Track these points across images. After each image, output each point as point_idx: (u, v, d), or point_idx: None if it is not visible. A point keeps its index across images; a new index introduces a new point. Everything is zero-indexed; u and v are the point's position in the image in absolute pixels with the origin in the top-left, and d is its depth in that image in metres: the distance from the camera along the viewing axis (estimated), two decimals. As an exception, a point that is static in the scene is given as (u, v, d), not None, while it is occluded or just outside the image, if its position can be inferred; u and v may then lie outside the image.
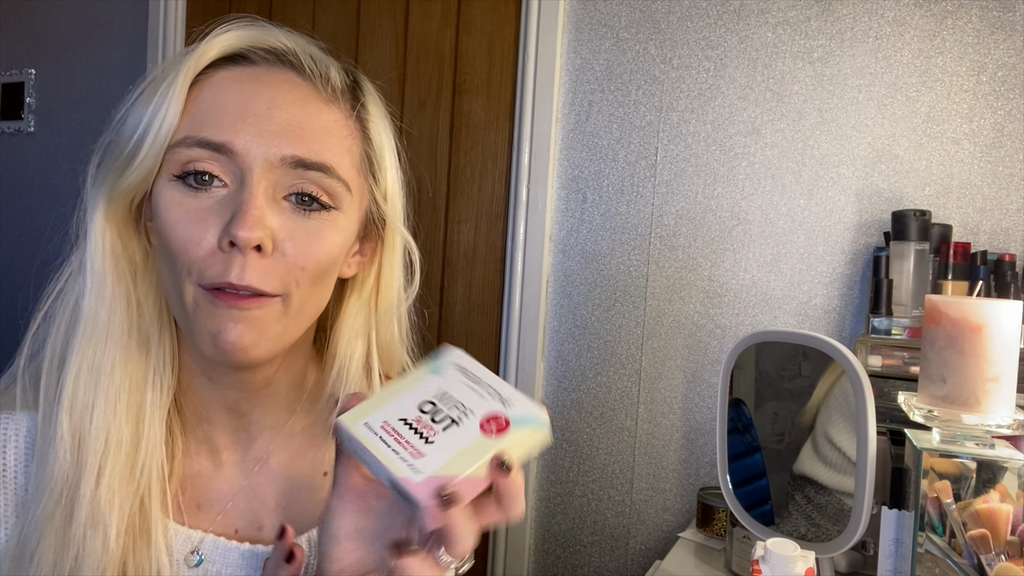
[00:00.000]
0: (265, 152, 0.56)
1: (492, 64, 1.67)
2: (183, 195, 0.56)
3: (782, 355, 0.96)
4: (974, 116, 1.29)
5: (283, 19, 1.85)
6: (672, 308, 1.50)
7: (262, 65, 0.60)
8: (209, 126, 0.56)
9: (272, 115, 0.57)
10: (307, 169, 0.57)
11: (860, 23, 1.35)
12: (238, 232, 0.54)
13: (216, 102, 0.57)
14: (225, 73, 0.59)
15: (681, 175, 1.49)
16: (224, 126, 0.56)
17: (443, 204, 1.72)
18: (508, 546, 1.63)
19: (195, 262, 0.56)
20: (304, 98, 0.60)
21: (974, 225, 1.28)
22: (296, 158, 0.57)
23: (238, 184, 0.56)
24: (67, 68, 2.18)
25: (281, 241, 0.57)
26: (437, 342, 1.72)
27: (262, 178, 0.56)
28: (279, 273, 0.57)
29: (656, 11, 1.51)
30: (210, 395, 0.65)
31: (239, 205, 0.55)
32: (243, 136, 0.56)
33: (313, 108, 0.60)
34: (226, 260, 0.55)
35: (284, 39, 0.61)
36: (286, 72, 0.60)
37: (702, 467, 1.47)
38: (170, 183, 0.57)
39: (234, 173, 0.57)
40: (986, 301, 0.76)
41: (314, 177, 0.58)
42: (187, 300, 0.57)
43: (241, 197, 0.55)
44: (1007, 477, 0.74)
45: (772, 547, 0.76)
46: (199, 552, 0.64)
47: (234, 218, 0.54)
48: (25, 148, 2.25)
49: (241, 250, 0.55)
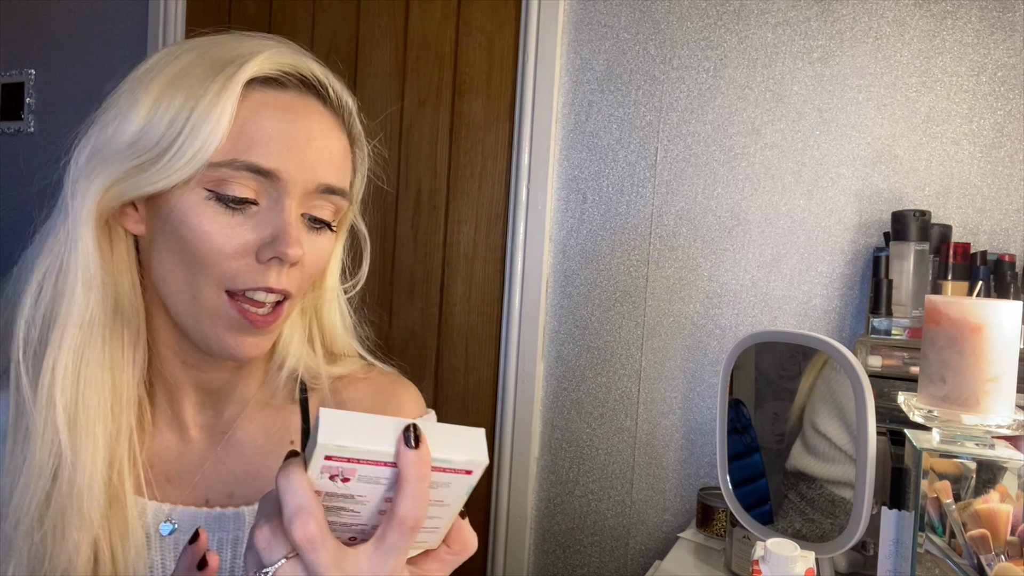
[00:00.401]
0: (305, 180, 0.62)
1: (492, 64, 1.67)
2: (217, 211, 0.60)
3: (782, 355, 0.96)
4: (974, 116, 1.29)
5: (283, 19, 1.86)
6: (672, 308, 1.50)
7: (292, 91, 0.64)
8: (256, 152, 0.60)
9: (311, 145, 0.63)
10: (333, 194, 0.65)
11: (860, 23, 1.35)
12: (287, 251, 0.60)
13: (261, 128, 0.61)
14: (262, 96, 0.62)
15: (681, 175, 1.49)
16: (272, 153, 0.60)
17: (443, 204, 1.72)
18: (508, 546, 1.63)
19: (227, 272, 0.61)
20: (330, 129, 0.65)
21: (974, 225, 1.28)
22: (328, 185, 0.64)
23: (272, 203, 0.62)
24: (67, 68, 2.18)
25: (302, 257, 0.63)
26: (437, 342, 1.72)
27: (296, 200, 0.62)
28: (299, 279, 0.65)
29: (656, 11, 1.51)
30: (181, 375, 0.69)
31: (282, 226, 0.61)
32: (290, 166, 0.61)
33: (335, 137, 0.66)
34: (263, 270, 0.61)
35: (313, 67, 0.66)
36: (313, 102, 0.65)
37: (702, 467, 1.47)
38: (205, 200, 0.60)
39: (271, 195, 0.62)
40: (986, 301, 0.76)
41: (334, 200, 0.66)
42: (205, 302, 0.62)
43: (282, 218, 0.61)
44: (1007, 477, 0.74)
45: (772, 547, 0.76)
46: (171, 520, 0.68)
47: (278, 238, 0.60)
48: (25, 148, 2.25)
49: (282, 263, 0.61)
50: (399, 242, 1.76)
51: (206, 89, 0.59)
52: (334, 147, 0.65)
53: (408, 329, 1.74)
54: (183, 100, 0.59)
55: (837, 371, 0.89)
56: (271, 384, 0.74)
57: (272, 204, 0.62)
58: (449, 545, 0.50)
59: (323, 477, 0.45)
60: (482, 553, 1.66)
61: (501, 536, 1.63)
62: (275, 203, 0.61)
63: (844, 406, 0.88)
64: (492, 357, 1.67)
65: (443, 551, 0.50)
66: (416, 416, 0.78)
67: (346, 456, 0.44)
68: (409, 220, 1.75)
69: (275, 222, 0.61)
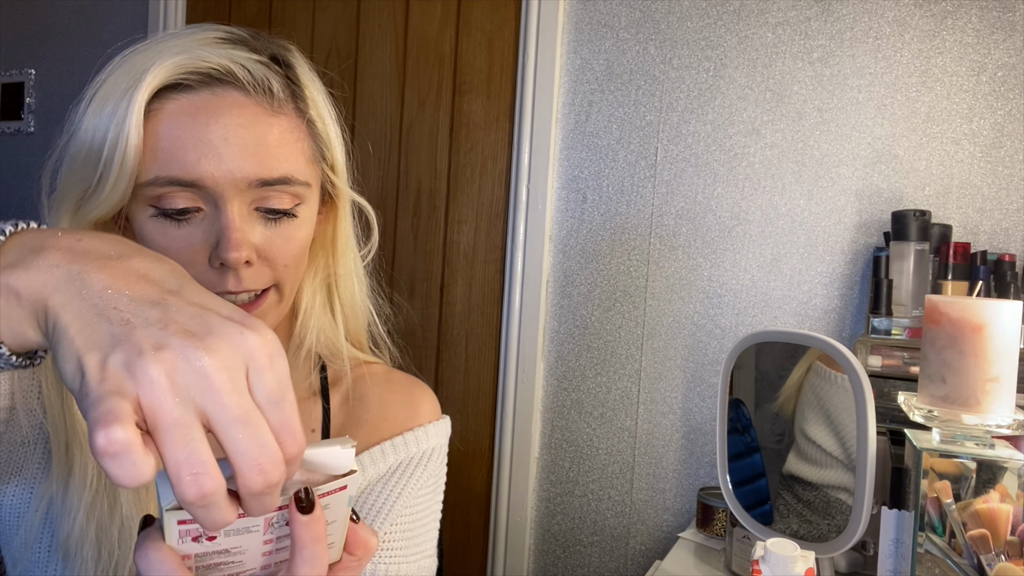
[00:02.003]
0: (231, 179, 0.61)
1: (492, 64, 1.67)
2: (166, 226, 0.61)
3: (782, 355, 0.96)
4: (974, 116, 1.29)
5: (283, 19, 1.86)
6: (672, 308, 1.50)
7: (204, 91, 0.61)
8: (175, 165, 0.60)
9: (229, 144, 0.61)
10: (270, 186, 0.62)
11: (860, 23, 1.35)
12: (228, 255, 0.60)
13: (175, 139, 0.60)
14: (172, 105, 0.60)
15: (681, 175, 1.49)
16: (190, 163, 0.60)
17: (443, 204, 1.72)
18: (508, 546, 1.63)
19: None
20: (252, 119, 0.62)
21: (974, 225, 1.28)
22: (259, 179, 0.62)
23: (213, 207, 0.61)
24: (67, 68, 2.18)
25: (263, 251, 0.63)
26: (437, 342, 1.72)
27: (233, 199, 0.61)
28: (267, 273, 0.64)
29: (656, 11, 1.51)
30: None
31: (221, 230, 0.61)
32: (208, 169, 0.60)
33: (263, 126, 0.63)
34: (220, 275, 0.61)
35: (215, 57, 0.62)
36: (230, 93, 0.62)
37: (702, 467, 1.47)
38: (152, 218, 0.61)
39: (207, 199, 0.61)
40: (986, 301, 0.76)
41: (279, 189, 0.63)
42: None
43: (221, 222, 0.61)
44: (1007, 477, 0.74)
45: (772, 547, 0.76)
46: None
47: (220, 243, 0.60)
48: (25, 148, 2.25)
49: (233, 268, 0.61)
50: (399, 242, 1.76)
51: (116, 109, 0.59)
52: (263, 136, 0.62)
53: (408, 329, 1.74)
54: (104, 123, 0.60)
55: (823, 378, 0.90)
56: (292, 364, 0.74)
57: (212, 209, 0.61)
58: (351, 552, 0.48)
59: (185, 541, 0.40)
60: (482, 553, 1.66)
61: (501, 536, 1.63)
62: (214, 208, 0.61)
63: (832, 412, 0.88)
64: (492, 357, 1.67)
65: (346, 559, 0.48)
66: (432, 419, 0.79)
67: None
68: (409, 220, 1.75)
69: (217, 226, 0.61)
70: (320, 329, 0.75)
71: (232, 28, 0.66)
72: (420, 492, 0.76)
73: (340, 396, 0.77)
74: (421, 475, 0.76)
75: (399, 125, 1.76)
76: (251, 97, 0.62)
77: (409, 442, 0.76)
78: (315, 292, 0.76)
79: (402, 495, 0.74)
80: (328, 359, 0.77)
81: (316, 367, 0.78)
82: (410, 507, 0.75)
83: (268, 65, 0.64)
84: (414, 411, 0.78)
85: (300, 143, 0.66)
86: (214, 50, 0.62)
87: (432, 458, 0.77)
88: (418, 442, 0.76)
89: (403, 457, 0.75)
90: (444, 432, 0.80)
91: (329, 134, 0.69)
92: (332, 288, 0.77)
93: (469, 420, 1.68)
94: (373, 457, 0.74)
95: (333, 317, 0.77)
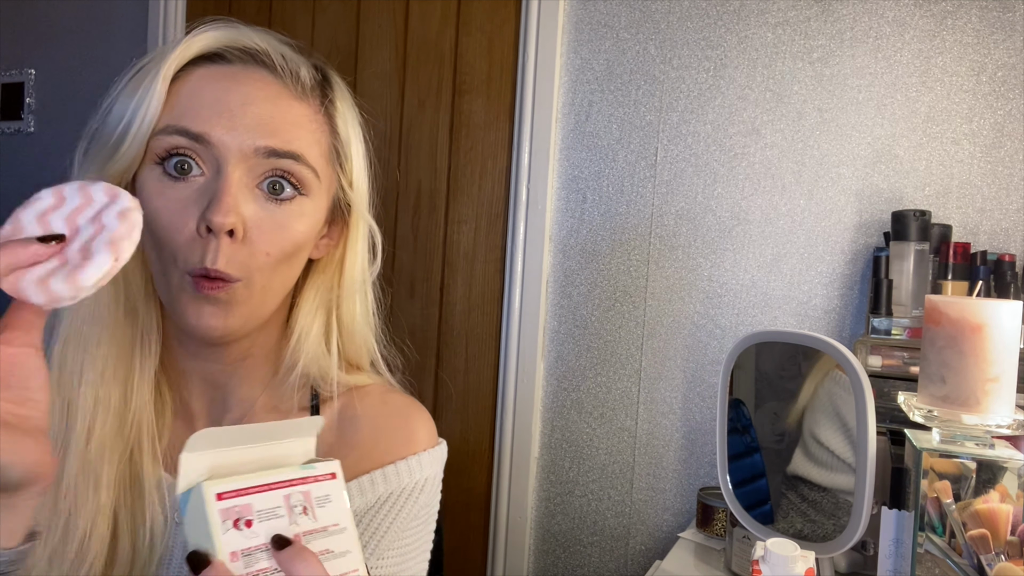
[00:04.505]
0: (239, 143, 0.61)
1: (492, 64, 1.67)
2: (164, 184, 0.61)
3: (782, 355, 0.96)
4: (974, 116, 1.29)
5: (283, 19, 1.86)
6: (672, 308, 1.50)
7: (236, 64, 0.64)
8: (187, 117, 0.61)
9: (246, 110, 0.62)
10: (279, 157, 0.63)
11: (860, 23, 1.35)
12: (213, 217, 0.59)
13: (194, 96, 0.62)
14: (203, 71, 0.63)
15: (681, 175, 1.49)
16: (202, 118, 0.61)
17: (443, 204, 1.72)
18: (508, 546, 1.63)
19: (179, 249, 0.61)
20: (276, 95, 0.64)
21: (974, 225, 1.28)
22: (268, 148, 0.62)
23: (214, 172, 0.61)
24: (67, 68, 2.18)
25: (251, 228, 0.62)
26: (437, 342, 1.72)
27: (236, 167, 0.61)
28: (243, 259, 0.62)
29: (656, 11, 1.51)
30: (189, 365, 0.70)
31: (215, 192, 0.60)
32: (218, 128, 0.61)
33: (284, 103, 0.64)
34: (203, 245, 0.60)
35: (257, 39, 0.65)
36: (259, 71, 0.65)
37: (702, 467, 1.47)
38: (153, 170, 0.62)
39: (211, 162, 0.61)
40: (986, 301, 0.76)
41: (285, 164, 0.63)
42: (173, 284, 0.62)
43: (217, 185, 0.60)
44: (1007, 477, 0.74)
45: (772, 547, 0.76)
46: None
47: (210, 204, 0.60)
48: (25, 148, 2.25)
49: (216, 235, 0.60)
50: (399, 242, 1.76)
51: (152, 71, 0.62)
52: (280, 112, 0.63)
53: (408, 329, 1.74)
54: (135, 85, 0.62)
55: (839, 384, 0.89)
56: (278, 388, 0.71)
57: (213, 173, 0.61)
58: None
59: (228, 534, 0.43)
60: (482, 553, 1.66)
61: (501, 536, 1.63)
62: (215, 172, 0.61)
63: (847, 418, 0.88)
64: (492, 357, 1.67)
65: None
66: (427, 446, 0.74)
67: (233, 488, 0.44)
68: (409, 220, 1.75)
69: (212, 190, 0.61)
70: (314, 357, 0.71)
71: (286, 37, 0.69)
72: (410, 525, 0.72)
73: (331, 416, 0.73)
74: (412, 507, 0.71)
75: (399, 125, 1.76)
76: (278, 78, 0.65)
77: (401, 472, 0.71)
78: (314, 315, 0.72)
79: (391, 529, 0.70)
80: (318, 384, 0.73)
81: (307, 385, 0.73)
82: (400, 540, 0.71)
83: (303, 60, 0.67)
84: (408, 437, 0.73)
85: (316, 134, 0.66)
86: (261, 34, 0.66)
87: (424, 489, 0.73)
88: (411, 472, 0.71)
89: (394, 487, 0.70)
90: (439, 460, 0.75)
91: (350, 146, 0.69)
92: (332, 312, 0.73)
93: (469, 420, 1.68)
94: (362, 486, 0.69)
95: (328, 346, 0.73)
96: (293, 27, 1.84)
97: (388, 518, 0.70)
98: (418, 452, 0.73)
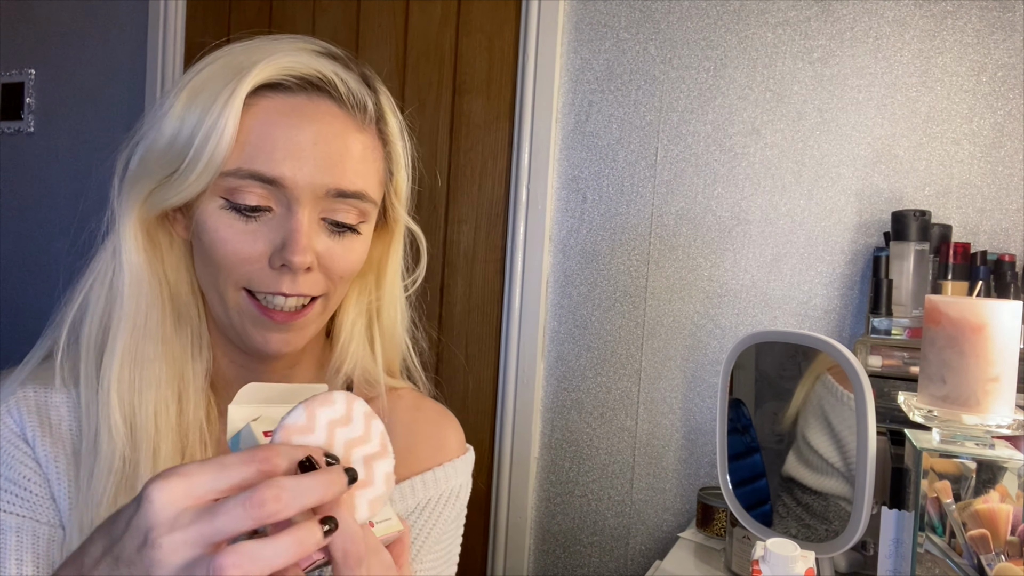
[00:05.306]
0: (312, 184, 0.62)
1: (492, 64, 1.67)
2: (233, 219, 0.62)
3: (782, 355, 0.96)
4: (974, 116, 1.29)
5: (283, 19, 1.86)
6: (672, 308, 1.50)
7: (301, 94, 0.63)
8: (260, 160, 0.61)
9: (317, 150, 0.62)
10: (347, 197, 0.64)
11: (860, 23, 1.35)
12: (293, 258, 0.61)
13: (265, 135, 0.61)
14: (267, 103, 0.62)
15: (681, 175, 1.49)
16: (275, 160, 0.61)
17: (443, 204, 1.72)
18: (508, 546, 1.63)
19: (244, 274, 0.62)
20: (343, 130, 0.64)
21: (974, 225, 1.28)
22: (338, 190, 0.63)
23: (284, 209, 0.62)
24: (67, 68, 2.18)
25: (323, 260, 0.64)
26: (438, 342, 1.72)
27: (306, 206, 0.62)
28: (321, 281, 0.65)
29: (656, 11, 1.51)
30: (235, 375, 0.70)
31: (290, 232, 0.61)
32: (292, 170, 0.61)
33: (351, 138, 0.64)
34: (277, 275, 0.62)
35: (324, 68, 0.64)
36: (325, 102, 0.64)
37: (702, 467, 1.47)
38: (218, 202, 0.62)
39: (280, 200, 0.62)
40: (986, 301, 0.76)
41: (351, 203, 0.65)
42: (229, 302, 0.64)
43: (291, 224, 0.62)
44: (1007, 477, 0.74)
45: (772, 547, 0.76)
46: None
47: (286, 244, 0.61)
48: (25, 148, 2.25)
49: (292, 270, 0.62)
50: (399, 242, 1.76)
51: (215, 101, 0.60)
52: (348, 149, 0.64)
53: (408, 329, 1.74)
54: (199, 114, 0.61)
55: (828, 389, 0.90)
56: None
57: (284, 211, 0.62)
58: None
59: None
60: (482, 553, 1.66)
61: (501, 536, 1.63)
62: (287, 209, 0.62)
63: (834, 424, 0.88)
64: (492, 357, 1.67)
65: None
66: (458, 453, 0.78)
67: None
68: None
69: (285, 228, 0.62)
70: (359, 358, 0.74)
71: (327, 45, 0.68)
72: (448, 529, 0.74)
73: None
74: (450, 512, 0.74)
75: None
76: (344, 110, 0.64)
77: (439, 479, 0.74)
78: (356, 318, 0.75)
79: (431, 534, 0.72)
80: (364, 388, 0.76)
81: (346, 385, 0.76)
82: (438, 544, 0.73)
83: (362, 84, 0.67)
84: (441, 445, 0.76)
85: (377, 163, 0.67)
86: (316, 59, 0.64)
87: (459, 495, 0.76)
88: (448, 479, 0.75)
89: (432, 494, 0.73)
90: (469, 467, 0.79)
91: (400, 160, 0.70)
92: (373, 316, 0.76)
93: (469, 420, 1.68)
94: (402, 492, 0.71)
95: (372, 347, 0.76)
96: (293, 27, 1.84)
97: (429, 523, 0.72)
98: (452, 459, 0.76)
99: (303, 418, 0.47)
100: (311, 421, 0.47)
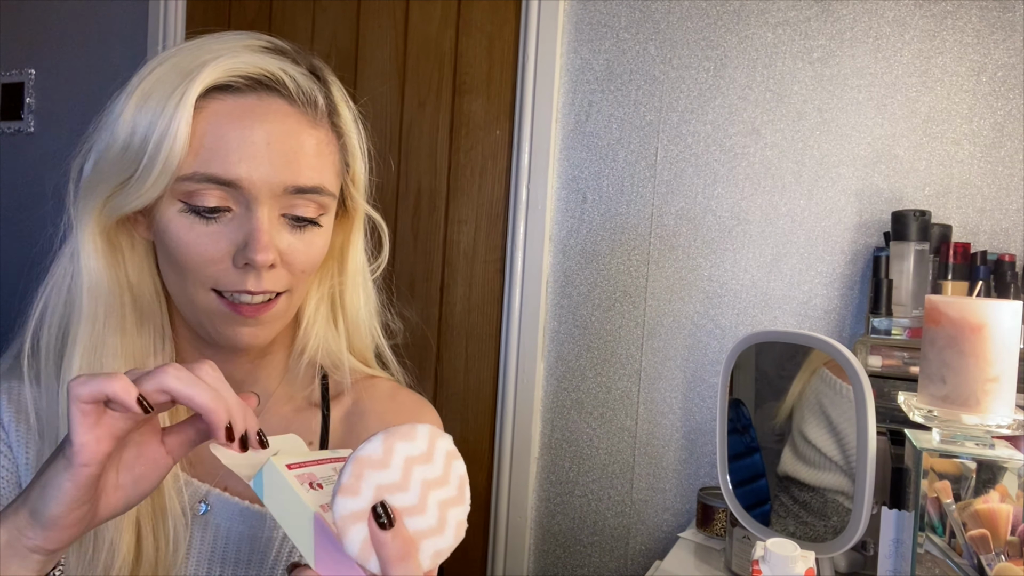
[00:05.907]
0: (269, 184, 0.62)
1: (492, 64, 1.67)
2: (193, 221, 0.62)
3: (782, 355, 0.96)
4: (974, 116, 1.29)
5: (283, 19, 1.86)
6: (672, 308, 1.50)
7: (251, 95, 0.63)
8: (215, 163, 0.61)
9: (271, 149, 0.62)
10: (304, 193, 0.65)
11: (860, 23, 1.35)
12: (255, 256, 0.61)
13: (219, 138, 0.61)
14: (218, 105, 0.62)
15: (681, 175, 1.49)
16: (231, 163, 0.61)
17: (443, 204, 1.72)
18: (508, 546, 1.63)
19: (210, 275, 0.63)
20: (296, 127, 0.65)
21: (974, 225, 1.28)
22: (296, 186, 0.64)
23: (244, 209, 0.63)
24: (67, 68, 2.18)
25: (285, 256, 0.65)
26: (438, 342, 1.72)
27: (265, 204, 0.63)
28: (285, 277, 0.66)
29: (656, 11, 1.51)
30: None
31: (251, 232, 0.62)
32: (249, 171, 0.62)
33: (304, 135, 0.65)
34: (241, 274, 0.63)
35: (268, 65, 0.64)
36: (276, 101, 0.64)
37: (702, 467, 1.47)
38: (180, 212, 0.62)
39: (239, 200, 0.63)
40: (986, 301, 0.76)
41: (309, 197, 0.65)
42: (199, 303, 0.64)
43: (252, 224, 0.62)
44: (1007, 477, 0.74)
45: (772, 547, 0.76)
46: (206, 502, 0.69)
47: (248, 243, 0.62)
48: (25, 148, 2.25)
49: (256, 268, 0.63)
50: (399, 242, 1.76)
51: (165, 105, 0.60)
52: (302, 146, 0.64)
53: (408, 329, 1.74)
54: (150, 118, 0.61)
55: (826, 382, 0.90)
56: (294, 373, 0.75)
57: (243, 210, 0.63)
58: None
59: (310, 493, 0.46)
60: (482, 553, 1.66)
61: (501, 536, 1.63)
62: (246, 209, 0.63)
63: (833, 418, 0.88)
64: (492, 357, 1.67)
65: None
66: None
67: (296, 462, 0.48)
68: (409, 220, 1.75)
69: (246, 227, 0.63)
70: (322, 339, 0.75)
71: (272, 39, 0.68)
72: None
73: (342, 409, 0.76)
74: None
75: (399, 125, 1.76)
76: (296, 107, 0.65)
77: None
78: (319, 303, 0.76)
79: None
80: (330, 370, 0.77)
81: (317, 376, 0.77)
82: None
83: (312, 79, 0.67)
84: None
85: (332, 156, 0.68)
86: (263, 57, 0.64)
87: None
88: None
89: None
90: None
91: (355, 150, 0.71)
92: (336, 300, 0.77)
93: (469, 420, 1.68)
94: None
95: (336, 329, 0.77)
96: (293, 27, 1.84)
97: None
98: None
99: (379, 451, 0.44)
100: (387, 455, 0.44)
